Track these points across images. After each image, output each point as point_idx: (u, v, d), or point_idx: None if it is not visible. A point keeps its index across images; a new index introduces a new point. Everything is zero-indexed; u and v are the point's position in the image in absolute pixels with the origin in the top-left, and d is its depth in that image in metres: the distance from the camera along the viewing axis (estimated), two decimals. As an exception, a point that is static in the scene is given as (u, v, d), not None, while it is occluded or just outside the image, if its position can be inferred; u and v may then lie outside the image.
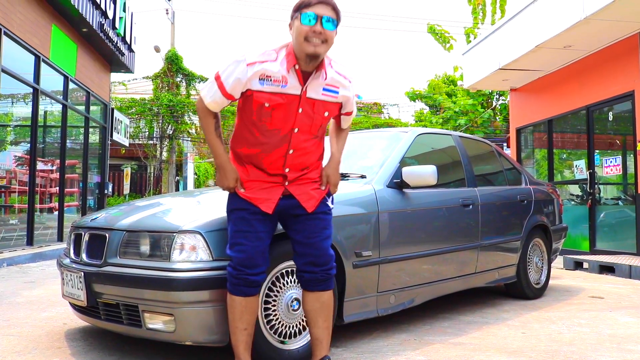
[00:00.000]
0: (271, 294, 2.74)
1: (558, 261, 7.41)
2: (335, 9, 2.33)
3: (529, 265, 4.81)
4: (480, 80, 10.00)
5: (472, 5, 16.90)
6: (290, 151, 2.46)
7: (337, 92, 2.47)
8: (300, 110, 2.39)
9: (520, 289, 4.72)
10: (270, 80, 2.34)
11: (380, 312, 3.30)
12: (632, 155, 7.53)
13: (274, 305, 2.74)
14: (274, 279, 2.75)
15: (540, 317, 4.05)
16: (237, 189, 2.49)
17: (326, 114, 2.48)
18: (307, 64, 2.35)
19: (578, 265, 7.27)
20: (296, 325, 2.82)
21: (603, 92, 7.97)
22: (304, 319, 2.83)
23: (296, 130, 2.43)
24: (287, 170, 2.49)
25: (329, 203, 2.63)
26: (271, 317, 2.72)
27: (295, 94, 2.37)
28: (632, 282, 5.99)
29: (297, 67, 2.36)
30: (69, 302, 3.13)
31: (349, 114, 2.68)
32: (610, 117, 8.25)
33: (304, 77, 2.38)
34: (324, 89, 2.42)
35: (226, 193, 2.58)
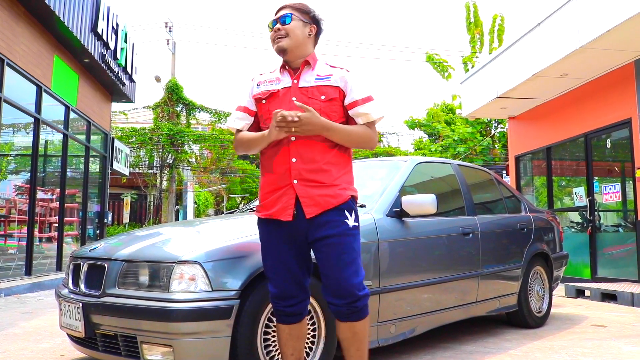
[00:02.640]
0: (271, 324, 2.72)
1: (560, 289, 7.36)
2: (293, 7, 2.51)
3: (530, 293, 4.78)
4: (478, 108, 10.07)
5: (470, 35, 17.13)
6: (292, 138, 2.38)
7: (330, 77, 2.46)
8: (294, 99, 2.42)
9: (522, 318, 4.69)
10: (266, 82, 2.54)
11: (381, 342, 3.27)
12: (631, 182, 7.54)
13: (273, 336, 2.71)
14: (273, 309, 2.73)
15: (543, 346, 4.01)
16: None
17: (323, 97, 2.41)
18: (291, 62, 2.50)
19: (580, 293, 7.22)
20: (296, 356, 2.79)
21: (600, 119, 8.03)
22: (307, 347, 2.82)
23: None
24: (293, 160, 2.38)
25: (349, 221, 2.38)
26: (271, 349, 2.70)
27: (288, 86, 2.48)
28: (634, 310, 5.93)
29: (287, 67, 2.52)
30: (67, 333, 3.10)
31: (355, 103, 2.44)
32: (608, 145, 8.29)
33: (296, 74, 2.50)
34: (317, 78, 2.46)
35: (226, 223, 2.58)
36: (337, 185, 2.39)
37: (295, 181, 2.37)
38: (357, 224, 2.41)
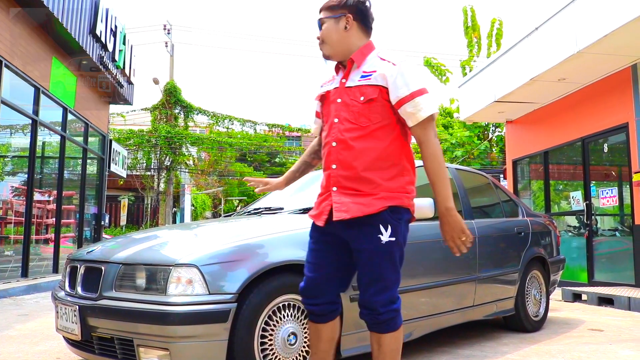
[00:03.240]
0: (268, 327, 2.71)
1: (556, 293, 7.37)
2: (321, 9, 2.42)
3: (527, 297, 4.78)
4: (476, 112, 10.09)
5: (468, 39, 17.16)
6: (334, 144, 2.32)
7: (372, 75, 2.30)
8: (339, 100, 2.35)
9: (519, 322, 4.69)
10: (326, 83, 2.51)
11: (377, 346, 3.26)
12: (628, 186, 7.56)
13: (270, 340, 2.71)
14: (270, 312, 2.73)
15: (540, 350, 4.01)
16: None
17: (362, 98, 2.28)
18: (343, 62, 2.41)
19: (577, 297, 7.23)
20: (294, 359, 2.79)
21: (598, 124, 8.04)
22: (300, 353, 2.81)
23: (336, 120, 2.34)
24: (333, 166, 2.32)
25: (383, 236, 2.24)
26: (267, 352, 2.69)
27: (337, 86, 2.41)
28: (631, 314, 5.94)
29: (340, 66, 2.45)
30: (63, 336, 3.09)
31: (401, 102, 2.25)
32: (606, 149, 8.31)
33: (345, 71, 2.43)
34: (361, 76, 2.32)
35: (223, 226, 2.58)
36: (376, 194, 2.25)
37: (334, 188, 2.32)
38: (393, 239, 2.24)
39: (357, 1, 2.35)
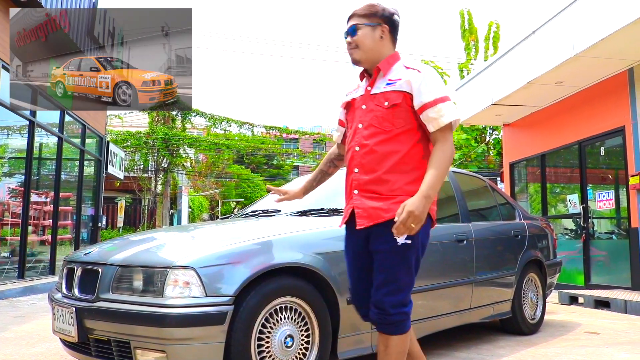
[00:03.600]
0: (265, 330, 2.71)
1: (553, 296, 7.38)
2: (357, 15, 2.44)
3: (524, 300, 4.78)
4: (473, 115, 10.10)
5: (465, 42, 17.19)
6: (357, 148, 2.39)
7: (397, 82, 2.38)
8: (364, 106, 2.43)
9: (516, 325, 4.69)
10: (351, 91, 2.58)
11: (374, 348, 3.26)
12: (624, 189, 7.58)
13: (267, 342, 2.71)
14: (267, 315, 2.73)
15: (537, 353, 4.02)
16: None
17: (386, 103, 2.35)
18: (369, 69, 2.48)
19: (573, 300, 7.24)
20: (290, 362, 2.79)
21: (594, 127, 8.07)
22: (297, 355, 2.82)
23: (360, 125, 2.41)
24: (356, 170, 2.39)
25: (398, 238, 2.25)
26: (264, 355, 2.69)
27: (362, 93, 2.48)
28: (627, 317, 5.96)
29: (366, 73, 2.52)
30: (60, 338, 3.09)
31: (424, 107, 2.31)
32: (602, 152, 8.33)
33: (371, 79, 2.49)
34: (387, 83, 2.40)
35: (220, 228, 2.59)
36: (394, 197, 2.30)
37: (355, 191, 2.39)
38: (408, 242, 2.26)
39: (391, 14, 2.45)
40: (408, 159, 2.33)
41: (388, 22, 2.43)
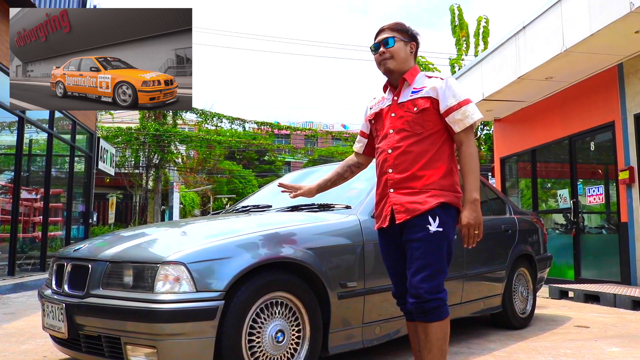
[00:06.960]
0: (255, 325, 2.71)
1: (543, 290, 7.43)
2: (392, 29, 2.65)
3: (514, 294, 4.81)
4: (464, 110, 10.11)
5: (456, 37, 17.20)
6: (389, 151, 2.57)
7: (423, 89, 2.58)
8: (393, 114, 2.61)
9: (506, 319, 4.72)
10: (376, 104, 2.77)
11: (365, 343, 3.28)
12: (614, 184, 7.63)
13: (258, 337, 2.71)
14: (258, 310, 2.73)
15: (527, 347, 4.04)
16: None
17: (415, 109, 2.55)
18: (394, 79, 2.66)
19: (563, 294, 7.29)
20: (281, 357, 2.79)
21: (585, 122, 8.12)
22: (288, 350, 2.82)
23: (391, 131, 2.60)
24: (390, 171, 2.56)
25: (431, 226, 2.45)
26: (255, 350, 2.70)
27: (389, 104, 2.66)
28: (617, 310, 6.00)
29: (390, 85, 2.71)
30: (50, 334, 3.08)
31: (450, 110, 2.52)
32: (592, 147, 8.38)
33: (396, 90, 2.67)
34: (412, 91, 2.60)
35: (211, 224, 2.59)
36: (429, 192, 2.49)
37: (391, 190, 2.56)
38: (440, 230, 2.46)
39: (417, 34, 2.71)
40: (438, 157, 2.54)
41: (415, 41, 2.69)
